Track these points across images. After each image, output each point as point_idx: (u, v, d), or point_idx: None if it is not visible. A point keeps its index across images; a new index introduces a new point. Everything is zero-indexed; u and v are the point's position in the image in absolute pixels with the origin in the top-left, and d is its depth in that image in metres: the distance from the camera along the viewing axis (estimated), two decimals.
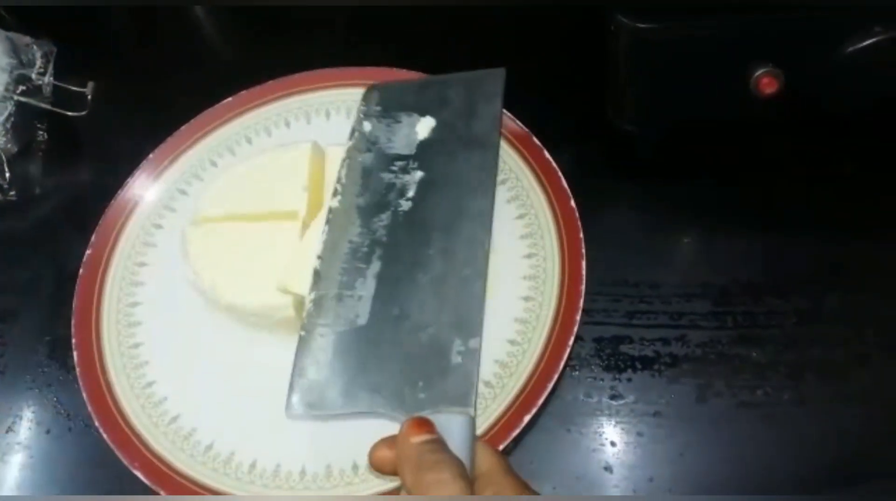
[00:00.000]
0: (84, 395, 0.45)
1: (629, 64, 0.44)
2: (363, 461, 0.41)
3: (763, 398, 0.42)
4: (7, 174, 0.55)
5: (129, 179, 0.53)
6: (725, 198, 0.48)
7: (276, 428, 0.43)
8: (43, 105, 0.57)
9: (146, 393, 0.46)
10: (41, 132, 0.58)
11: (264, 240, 0.46)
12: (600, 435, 0.42)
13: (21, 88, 0.56)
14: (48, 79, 0.58)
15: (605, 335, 0.45)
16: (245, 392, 0.45)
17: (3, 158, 0.55)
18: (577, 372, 0.44)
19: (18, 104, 0.56)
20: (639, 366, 0.44)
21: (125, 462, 0.43)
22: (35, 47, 0.59)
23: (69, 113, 0.58)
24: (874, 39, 0.41)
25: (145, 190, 0.53)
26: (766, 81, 0.43)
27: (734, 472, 0.41)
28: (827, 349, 0.43)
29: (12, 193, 0.56)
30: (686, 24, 0.42)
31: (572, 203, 0.46)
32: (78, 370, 0.46)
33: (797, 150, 0.49)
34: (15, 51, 0.58)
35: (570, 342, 0.43)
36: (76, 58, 0.59)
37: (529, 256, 0.46)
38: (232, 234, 0.47)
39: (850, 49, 0.42)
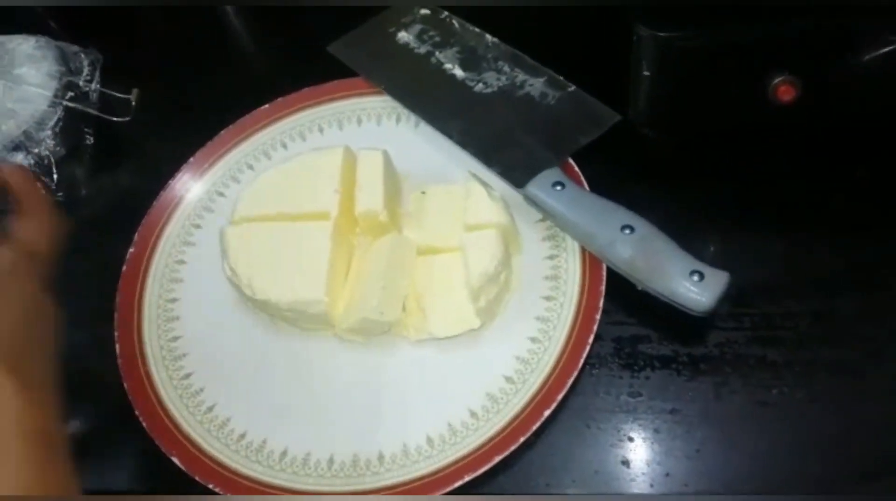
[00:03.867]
0: (125, 386, 0.48)
1: (650, 71, 0.46)
2: (389, 451, 0.44)
3: (778, 396, 0.43)
4: (55, 176, 0.58)
5: (170, 181, 0.56)
6: (743, 201, 0.49)
7: (306, 420, 0.46)
8: (90, 111, 0.60)
9: (184, 385, 0.49)
10: (88, 136, 0.60)
11: (297, 239, 0.48)
12: (618, 431, 0.43)
13: (69, 94, 0.59)
14: (95, 86, 0.61)
15: (624, 335, 0.46)
16: (277, 385, 0.48)
17: (52, 160, 0.58)
18: (596, 370, 0.45)
19: (67, 110, 0.59)
20: (657, 365, 0.45)
21: (163, 449, 0.45)
22: (83, 55, 0.62)
23: (114, 118, 0.60)
24: (890, 48, 0.42)
25: (186, 191, 0.56)
26: (784, 89, 0.44)
27: (749, 468, 0.42)
28: (841, 349, 0.44)
29: (59, 194, 0.58)
30: (706, 32, 0.43)
31: None
32: (120, 361, 0.49)
33: (814, 154, 0.50)
34: (64, 59, 0.61)
35: (590, 341, 0.44)
36: (121, 66, 0.62)
37: (551, 257, 0.48)
38: (267, 233, 0.49)
39: (867, 57, 0.43)
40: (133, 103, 0.61)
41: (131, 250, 0.54)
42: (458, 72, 0.55)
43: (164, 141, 0.59)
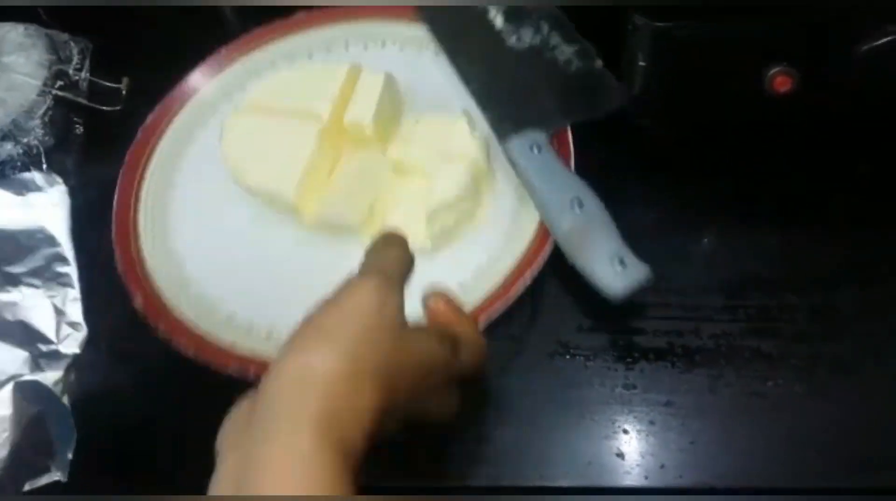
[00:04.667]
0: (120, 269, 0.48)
1: (647, 62, 0.45)
2: None
3: (774, 389, 0.43)
4: (44, 166, 0.57)
5: (190, 73, 0.59)
6: (741, 195, 0.49)
7: (265, 294, 0.49)
8: (79, 100, 0.59)
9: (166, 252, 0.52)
10: (77, 126, 0.60)
11: (286, 135, 0.51)
12: (613, 423, 0.43)
13: (59, 83, 0.58)
14: (84, 74, 0.60)
15: (619, 327, 0.46)
16: (247, 261, 0.51)
17: (41, 149, 0.57)
18: (591, 362, 0.45)
19: (56, 98, 0.58)
20: (652, 357, 0.45)
21: (154, 325, 0.46)
22: (72, 44, 0.61)
23: (104, 107, 0.60)
24: (888, 39, 0.42)
25: (206, 82, 0.59)
26: (781, 80, 0.44)
27: (744, 461, 0.41)
28: (839, 344, 0.44)
29: None
30: (702, 23, 0.43)
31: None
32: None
33: (813, 147, 0.49)
34: (53, 47, 0.60)
35: (514, 294, 0.45)
36: (111, 54, 0.62)
37: (516, 212, 0.49)
38: (262, 125, 0.52)
39: (865, 48, 0.43)
40: (123, 92, 0.60)
41: (138, 136, 0.56)
42: (499, 21, 0.55)
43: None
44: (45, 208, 0.41)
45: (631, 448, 0.42)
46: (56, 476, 0.37)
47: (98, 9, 0.65)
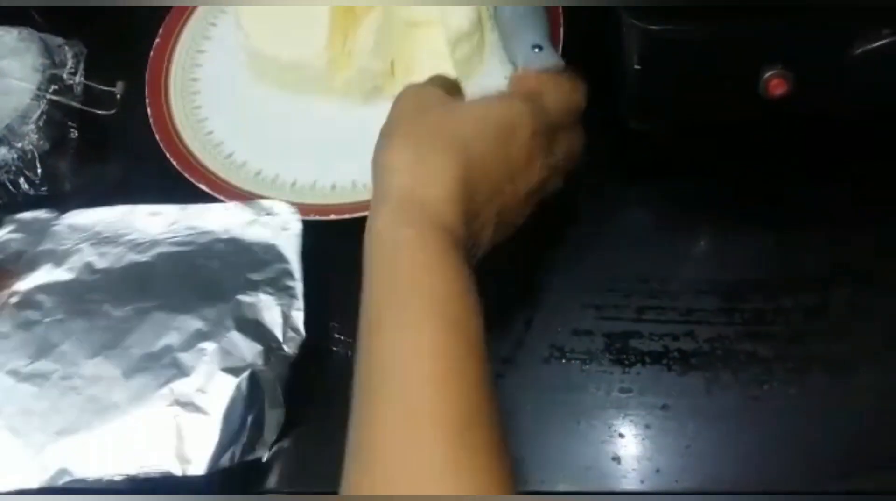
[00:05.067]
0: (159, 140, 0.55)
1: (639, 65, 0.45)
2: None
3: (769, 392, 0.43)
4: (39, 170, 0.57)
5: None
6: (734, 196, 0.49)
7: (310, 155, 0.54)
8: (74, 104, 0.59)
9: (206, 138, 0.57)
10: (72, 130, 0.59)
11: (304, 9, 0.55)
12: (609, 427, 0.43)
13: (53, 87, 0.58)
14: (79, 78, 0.60)
15: (614, 330, 0.46)
16: (283, 130, 0.57)
17: (36, 154, 0.57)
18: (587, 366, 0.45)
19: (50, 103, 0.58)
20: (648, 361, 0.45)
21: (189, 177, 0.53)
22: (66, 48, 0.61)
23: (99, 111, 0.60)
24: (883, 42, 0.42)
25: None
26: (776, 83, 0.44)
27: (741, 464, 0.42)
28: (833, 345, 0.44)
29: (44, 188, 0.57)
30: (696, 26, 0.43)
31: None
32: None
33: (805, 148, 0.50)
34: (47, 51, 0.60)
35: None
36: (105, 58, 0.61)
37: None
38: (275, 6, 0.56)
39: (859, 51, 0.43)
40: (118, 96, 0.60)
41: (157, 40, 0.61)
42: None
43: (149, 134, 0.57)
44: (276, 229, 0.48)
45: (627, 452, 0.42)
46: (259, 453, 0.42)
47: (92, 12, 0.65)
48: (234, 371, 0.42)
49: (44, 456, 0.41)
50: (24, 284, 0.47)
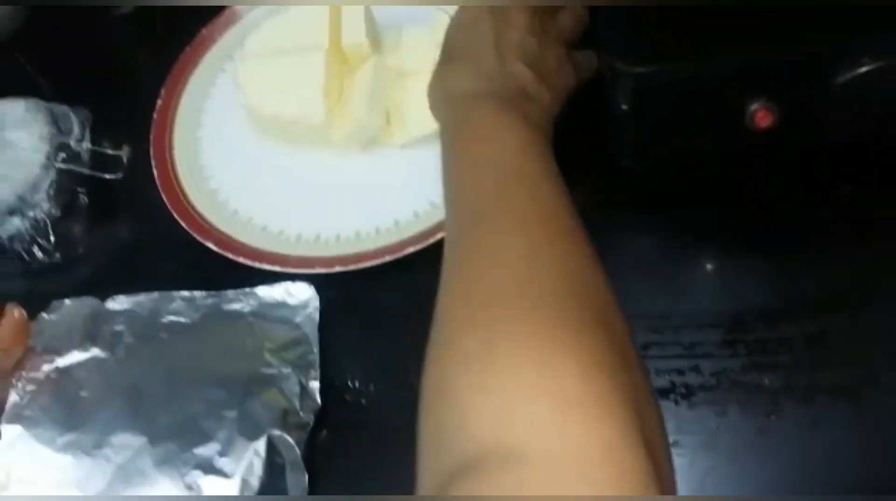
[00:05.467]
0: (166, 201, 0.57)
1: (627, 105, 0.46)
2: (384, 225, 0.54)
3: (777, 423, 0.43)
4: (52, 238, 0.59)
5: (202, 29, 0.66)
6: (730, 226, 0.50)
7: (311, 208, 0.56)
8: (82, 170, 0.61)
9: (210, 193, 0.59)
10: (82, 195, 0.61)
11: (298, 67, 0.57)
12: None
13: (61, 155, 0.60)
14: (86, 145, 0.61)
15: None
16: (283, 185, 0.58)
17: (48, 222, 0.59)
18: None
19: (59, 171, 0.59)
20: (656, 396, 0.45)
21: (197, 237, 0.55)
22: (72, 115, 0.62)
23: (107, 175, 0.61)
24: (862, 70, 0.43)
25: (216, 36, 0.66)
26: (762, 115, 0.44)
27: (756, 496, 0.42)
28: (836, 372, 0.44)
29: (57, 254, 0.59)
30: (680, 66, 0.44)
31: None
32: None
33: (797, 175, 0.50)
34: (54, 120, 0.61)
35: None
36: (111, 123, 0.63)
37: None
38: (272, 64, 0.59)
39: (840, 80, 0.43)
40: (124, 160, 0.62)
41: (159, 102, 0.63)
42: None
43: (157, 194, 0.59)
44: (297, 308, 0.51)
45: None
46: None
47: (96, 77, 0.67)
48: (251, 435, 0.44)
49: None
50: (65, 361, 0.49)
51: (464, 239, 0.37)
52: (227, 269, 0.54)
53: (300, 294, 0.51)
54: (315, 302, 0.51)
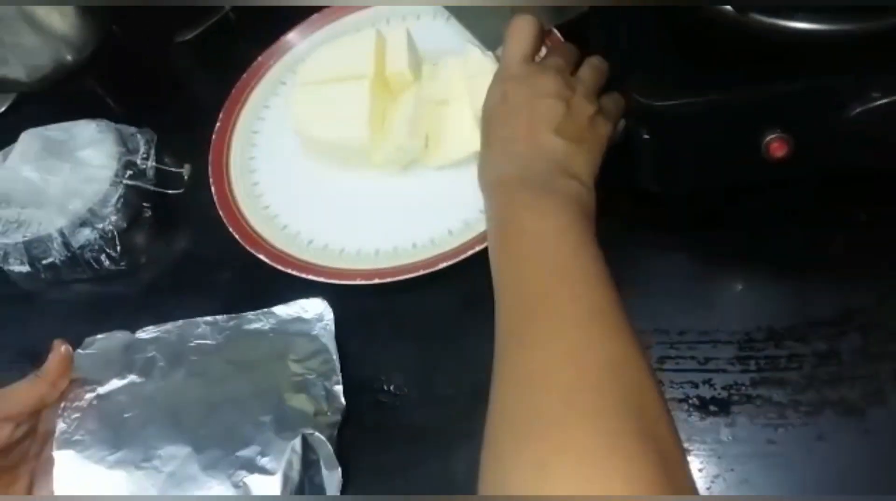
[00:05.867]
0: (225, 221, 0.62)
1: (650, 135, 0.49)
2: (420, 241, 0.58)
3: (784, 435, 0.46)
4: (118, 247, 0.64)
5: (258, 57, 0.71)
6: (746, 248, 0.52)
7: (356, 225, 0.61)
8: (147, 186, 0.66)
9: (264, 212, 0.64)
10: (146, 209, 0.66)
11: (343, 95, 0.62)
12: None
13: (128, 172, 0.65)
14: (150, 163, 0.67)
15: None
16: (332, 204, 0.63)
17: (115, 233, 0.64)
18: None
19: (126, 186, 0.65)
20: (670, 407, 0.48)
21: (252, 250, 0.60)
22: (139, 136, 0.68)
23: (169, 191, 0.67)
24: (874, 104, 0.45)
25: (270, 63, 0.71)
26: (777, 146, 0.47)
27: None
28: (844, 389, 0.46)
29: (123, 263, 0.64)
30: (697, 99, 0.47)
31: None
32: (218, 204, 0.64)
33: (813, 201, 0.53)
34: (122, 140, 0.67)
35: None
36: (173, 143, 0.69)
37: None
38: (320, 93, 0.63)
39: (852, 113, 0.46)
40: (185, 177, 0.67)
41: (218, 124, 0.68)
42: None
43: (213, 209, 0.64)
44: (313, 321, 0.55)
45: None
46: None
47: (161, 101, 0.72)
48: (287, 435, 0.48)
49: None
50: (105, 389, 0.53)
51: (511, 347, 0.39)
52: (273, 282, 0.58)
53: (314, 309, 0.55)
54: (329, 314, 0.55)
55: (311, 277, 0.57)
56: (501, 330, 0.40)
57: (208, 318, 0.57)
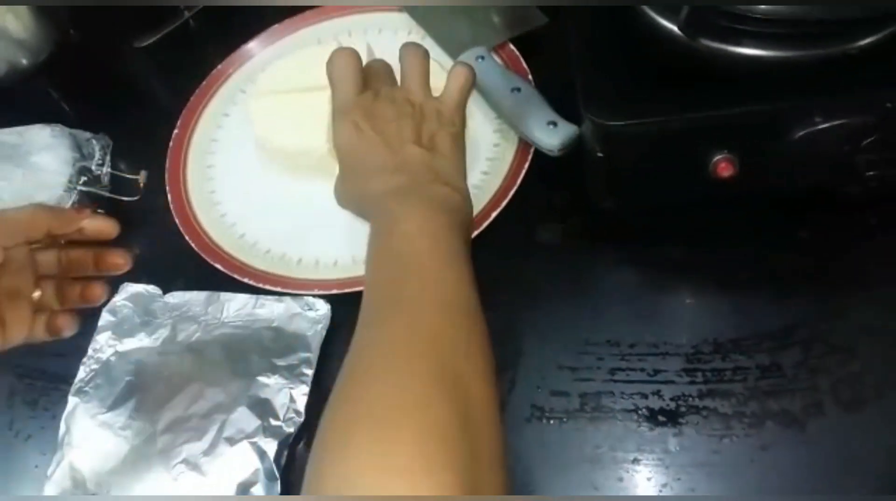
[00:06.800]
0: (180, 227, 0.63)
1: (603, 152, 0.51)
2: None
3: (729, 445, 0.48)
4: None
5: (218, 65, 0.71)
6: (696, 263, 0.54)
7: (317, 234, 0.61)
8: (102, 192, 0.65)
9: (220, 220, 0.64)
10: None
11: (305, 105, 0.62)
12: (584, 481, 0.48)
13: (83, 178, 0.64)
14: (106, 169, 0.66)
15: (588, 391, 0.51)
16: (290, 211, 0.63)
17: None
18: (564, 424, 0.50)
19: (81, 193, 0.64)
20: (619, 418, 0.49)
21: (207, 259, 0.60)
22: (94, 141, 0.67)
23: (125, 198, 0.66)
24: (815, 128, 0.47)
25: (230, 71, 0.71)
26: (724, 166, 0.49)
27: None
28: (786, 401, 0.48)
29: None
30: (649, 120, 0.48)
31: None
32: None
33: (758, 219, 0.55)
34: (77, 145, 0.66)
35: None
36: (129, 149, 0.68)
37: (496, 144, 0.62)
38: (281, 99, 0.64)
39: (795, 136, 0.48)
40: (141, 184, 0.67)
41: (175, 131, 0.68)
42: None
43: (169, 217, 0.64)
44: (312, 322, 0.55)
45: None
46: None
47: (117, 106, 0.72)
48: (231, 441, 0.50)
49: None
50: (124, 347, 0.57)
51: (363, 331, 0.42)
52: (232, 289, 0.58)
53: (320, 309, 0.56)
54: (327, 320, 0.55)
55: (267, 287, 0.57)
56: (357, 325, 0.42)
57: (229, 295, 0.58)
